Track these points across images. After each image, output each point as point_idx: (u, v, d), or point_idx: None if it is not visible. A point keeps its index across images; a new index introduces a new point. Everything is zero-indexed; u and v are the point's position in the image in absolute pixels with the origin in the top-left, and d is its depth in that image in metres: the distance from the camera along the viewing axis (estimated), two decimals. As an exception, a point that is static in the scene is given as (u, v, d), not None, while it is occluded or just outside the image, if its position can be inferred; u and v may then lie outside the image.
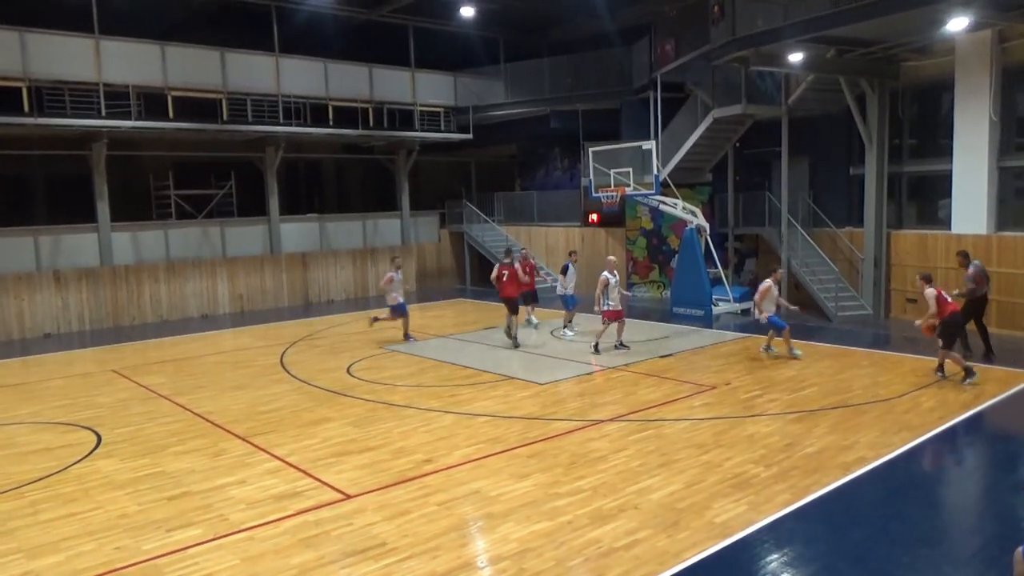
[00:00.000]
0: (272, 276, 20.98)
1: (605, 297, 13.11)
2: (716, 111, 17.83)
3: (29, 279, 17.13)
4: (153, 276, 18.86)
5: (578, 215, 22.94)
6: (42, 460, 8.43)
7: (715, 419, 9.24)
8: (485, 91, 23.58)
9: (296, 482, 7.51)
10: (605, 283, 13.09)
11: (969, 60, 14.49)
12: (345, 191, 27.78)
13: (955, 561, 5.77)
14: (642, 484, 7.19)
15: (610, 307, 13.15)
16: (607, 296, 13.11)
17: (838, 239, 17.42)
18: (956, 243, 14.83)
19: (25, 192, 20.95)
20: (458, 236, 25.57)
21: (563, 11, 22.14)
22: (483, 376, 11.87)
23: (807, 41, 13.98)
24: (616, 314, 13.27)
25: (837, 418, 9.13)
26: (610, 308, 13.16)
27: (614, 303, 13.17)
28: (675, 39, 18.90)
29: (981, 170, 14.50)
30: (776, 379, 11.15)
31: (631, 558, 5.73)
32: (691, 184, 19.91)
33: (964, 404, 9.63)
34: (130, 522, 6.66)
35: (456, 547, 6.01)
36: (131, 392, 11.55)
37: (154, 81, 17.73)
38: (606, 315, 13.23)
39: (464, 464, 7.88)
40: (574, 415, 9.62)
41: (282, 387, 11.57)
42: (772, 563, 5.73)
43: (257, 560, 5.87)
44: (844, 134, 17.60)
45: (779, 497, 6.80)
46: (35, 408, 10.78)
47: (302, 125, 20.13)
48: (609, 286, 13.09)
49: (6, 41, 15.82)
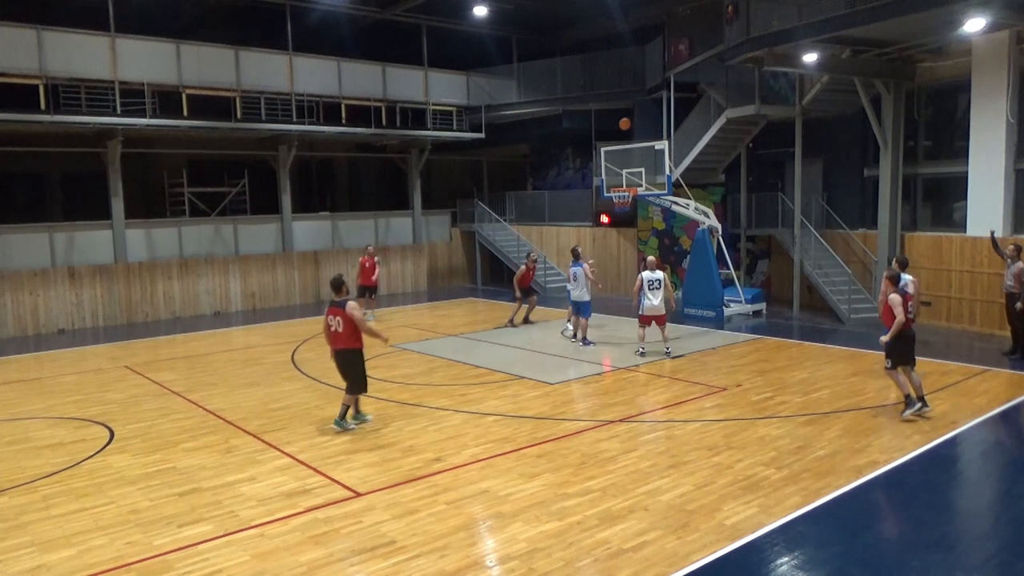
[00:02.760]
0: (284, 274, 21.06)
1: (642, 297, 12.73)
2: (729, 111, 17.76)
3: (44, 275, 17.27)
4: (166, 273, 18.97)
5: (590, 215, 22.90)
6: (55, 455, 8.50)
7: (726, 421, 9.20)
8: (498, 90, 23.58)
9: (306, 479, 7.54)
10: (641, 283, 12.74)
11: (986, 61, 14.36)
12: (357, 190, 27.87)
13: (967, 566, 5.71)
14: (652, 485, 7.17)
15: (644, 308, 12.73)
16: (643, 296, 12.70)
17: (851, 241, 17.31)
18: (971, 246, 14.72)
19: (41, 189, 21.16)
20: (469, 235, 25.57)
21: (576, 11, 22.10)
22: (493, 375, 11.87)
23: (822, 41, 13.89)
24: (646, 319, 12.87)
25: (849, 421, 9.07)
26: (643, 311, 12.77)
27: (649, 304, 12.68)
28: (688, 39, 18.85)
29: (997, 172, 14.36)
30: (788, 381, 11.09)
31: (640, 559, 5.71)
32: (704, 184, 19.85)
33: (977, 408, 9.54)
34: (141, 517, 6.71)
35: (465, 546, 6.01)
36: (143, 388, 11.63)
37: (169, 79, 17.84)
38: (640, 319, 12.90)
39: (473, 463, 7.88)
40: (584, 415, 9.60)
41: (293, 385, 11.62)
42: (782, 566, 5.69)
43: (267, 557, 5.89)
44: (858, 135, 17.49)
45: (790, 500, 6.77)
46: (48, 403, 10.87)
47: (315, 124, 20.20)
48: (644, 286, 12.69)
49: (24, 39, 15.96)
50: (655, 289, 12.72)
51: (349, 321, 8.97)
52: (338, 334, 9.09)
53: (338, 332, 9.08)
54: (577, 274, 14.12)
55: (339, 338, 9.11)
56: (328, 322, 9.15)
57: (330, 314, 9.13)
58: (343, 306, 9.00)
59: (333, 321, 9.07)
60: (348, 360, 9.16)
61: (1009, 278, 12.24)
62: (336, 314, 9.04)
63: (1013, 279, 12.14)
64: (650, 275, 12.82)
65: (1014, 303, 12.14)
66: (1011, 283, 12.19)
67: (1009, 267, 12.24)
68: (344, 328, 9.01)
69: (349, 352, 9.14)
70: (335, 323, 9.05)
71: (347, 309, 8.98)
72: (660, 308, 12.80)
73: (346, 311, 8.97)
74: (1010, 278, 12.21)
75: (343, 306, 9.00)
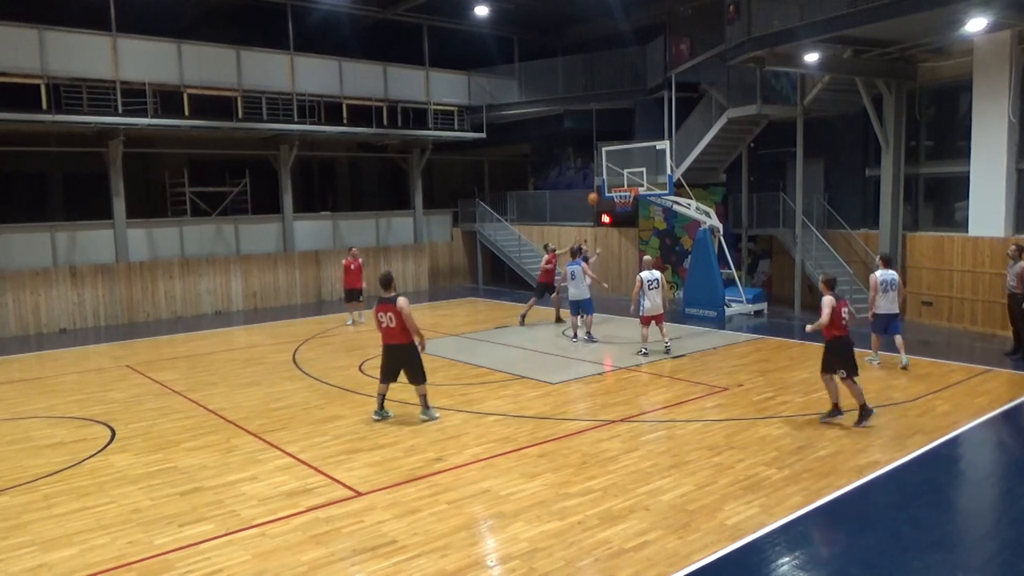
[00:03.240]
0: (285, 274, 21.07)
1: (642, 298, 12.79)
2: (731, 111, 17.75)
3: (46, 275, 17.29)
4: (168, 273, 18.99)
5: (591, 215, 22.90)
6: (56, 454, 8.51)
7: (727, 421, 9.19)
8: (499, 90, 23.58)
9: (307, 479, 7.54)
10: (640, 283, 12.81)
11: (987, 61, 14.34)
12: (359, 189, 27.87)
13: (968, 567, 5.71)
14: (653, 485, 7.17)
15: (645, 308, 12.79)
16: (643, 297, 12.77)
17: (853, 241, 17.30)
18: (973, 246, 14.71)
19: (42, 189, 21.18)
20: (471, 235, 25.58)
21: (578, 11, 22.09)
22: (494, 375, 11.87)
23: (823, 41, 13.87)
24: (646, 319, 12.93)
25: (851, 421, 9.06)
26: (644, 312, 12.83)
27: (649, 304, 12.77)
28: (690, 39, 18.82)
29: (999, 172, 14.34)
30: (789, 381, 11.08)
31: (641, 559, 5.71)
32: (705, 184, 19.83)
33: (979, 408, 9.53)
34: (143, 516, 6.71)
35: (466, 546, 6.01)
36: (145, 388, 11.64)
37: (170, 79, 17.85)
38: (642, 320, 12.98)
39: (474, 463, 7.88)
40: (585, 415, 9.60)
41: (294, 384, 11.62)
42: (783, 566, 5.69)
43: (268, 556, 5.89)
44: (860, 135, 17.47)
45: (791, 500, 6.76)
46: (50, 403, 10.88)
47: (316, 123, 20.20)
48: (644, 287, 12.76)
49: (25, 39, 15.98)
50: (654, 289, 12.83)
51: (400, 317, 9.02)
52: (391, 329, 9.13)
53: (390, 328, 9.11)
54: (575, 272, 14.13)
55: (392, 333, 9.15)
56: (379, 318, 9.17)
57: (380, 310, 9.15)
58: (394, 302, 9.05)
59: (384, 317, 9.10)
60: (404, 355, 9.23)
61: (1012, 278, 12.22)
62: (387, 310, 9.07)
63: (1015, 279, 12.12)
64: (648, 275, 12.90)
65: (1017, 303, 12.12)
66: (1013, 283, 12.17)
67: (1011, 267, 12.23)
68: (396, 323, 9.06)
69: (404, 347, 9.21)
70: (386, 319, 9.09)
71: (398, 305, 9.02)
72: (660, 307, 12.92)
73: (397, 307, 9.01)
74: (1012, 278, 12.20)
75: (394, 302, 9.05)
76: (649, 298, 12.79)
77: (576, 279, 14.14)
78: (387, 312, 9.07)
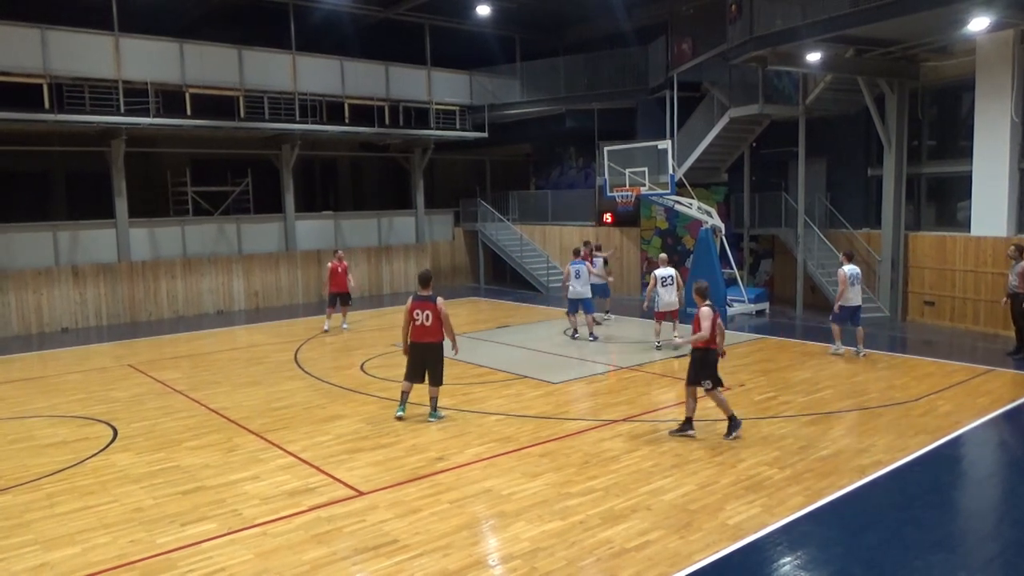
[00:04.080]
0: (287, 273, 21.08)
1: (655, 294, 13.20)
2: (733, 111, 17.74)
3: (48, 274, 17.31)
4: (170, 272, 19.00)
5: (592, 214, 22.89)
6: (59, 453, 8.52)
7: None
8: (501, 90, 23.58)
9: (309, 478, 7.54)
10: (655, 280, 13.24)
11: (990, 60, 14.33)
12: (360, 189, 27.88)
13: (971, 567, 5.70)
14: (655, 485, 7.17)
15: (659, 304, 13.23)
16: (656, 294, 13.19)
17: (855, 240, 17.27)
18: (975, 245, 14.69)
19: (44, 188, 21.18)
20: (472, 235, 25.58)
21: (579, 10, 22.10)
22: (496, 375, 11.87)
23: (826, 41, 13.86)
24: (661, 315, 13.37)
25: (853, 421, 9.06)
26: (658, 307, 13.26)
27: (663, 300, 13.19)
28: (692, 38, 18.80)
29: (1002, 172, 14.32)
30: (791, 381, 11.08)
31: (643, 559, 5.71)
32: (707, 184, 19.81)
33: (981, 408, 9.52)
34: (145, 516, 6.72)
35: (468, 545, 6.01)
36: (147, 387, 11.65)
37: (172, 79, 17.86)
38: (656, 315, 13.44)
39: (476, 463, 7.89)
40: (586, 415, 9.60)
41: (296, 383, 11.63)
42: (785, 566, 5.69)
43: (270, 555, 5.90)
44: (862, 135, 17.45)
45: (793, 500, 6.76)
46: (52, 402, 10.89)
47: (318, 123, 20.21)
48: (658, 283, 13.17)
49: (27, 38, 15.99)
50: (668, 285, 13.23)
51: (438, 316, 9.05)
52: (426, 327, 9.14)
53: (426, 326, 9.13)
54: (580, 271, 14.22)
55: (427, 332, 9.16)
56: (414, 316, 9.16)
57: (416, 308, 9.14)
58: (433, 300, 9.10)
59: (421, 315, 9.11)
60: (433, 354, 9.27)
61: (1014, 278, 12.21)
62: (425, 308, 9.09)
63: (1018, 279, 12.11)
64: (663, 272, 13.30)
65: (1020, 303, 12.11)
66: (1016, 283, 12.16)
67: (1013, 267, 12.22)
68: (432, 322, 9.09)
69: (434, 346, 9.25)
70: (422, 316, 9.10)
71: (438, 304, 9.08)
72: (674, 303, 13.36)
73: (437, 305, 9.07)
74: (1015, 278, 12.18)
75: (433, 300, 9.10)
76: (661, 294, 13.17)
77: (580, 277, 14.28)
78: (424, 310, 9.10)
